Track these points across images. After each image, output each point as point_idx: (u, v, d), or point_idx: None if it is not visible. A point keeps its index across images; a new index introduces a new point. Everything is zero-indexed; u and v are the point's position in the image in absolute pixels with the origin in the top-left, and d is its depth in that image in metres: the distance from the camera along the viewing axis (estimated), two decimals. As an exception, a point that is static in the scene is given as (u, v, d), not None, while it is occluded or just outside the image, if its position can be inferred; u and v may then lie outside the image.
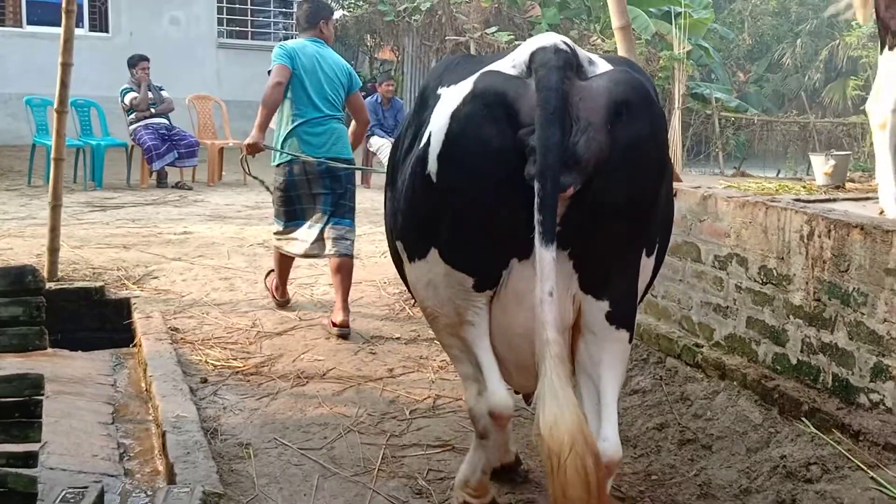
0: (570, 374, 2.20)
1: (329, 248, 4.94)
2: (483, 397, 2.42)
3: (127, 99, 9.90)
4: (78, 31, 14.09)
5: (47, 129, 9.46)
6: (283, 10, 16.16)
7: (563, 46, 2.19)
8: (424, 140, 2.32)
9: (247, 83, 14.32)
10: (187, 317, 5.06)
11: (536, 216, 2.01)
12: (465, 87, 2.22)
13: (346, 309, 4.88)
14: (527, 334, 2.20)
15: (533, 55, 2.17)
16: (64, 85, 5.31)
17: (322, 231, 4.94)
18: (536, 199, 2.01)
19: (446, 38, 14.77)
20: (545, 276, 2.01)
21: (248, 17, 15.59)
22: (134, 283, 5.59)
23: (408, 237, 2.51)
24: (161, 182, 10.09)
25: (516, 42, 15.05)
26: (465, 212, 2.23)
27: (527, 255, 2.16)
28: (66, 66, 5.34)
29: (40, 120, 9.52)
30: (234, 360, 4.41)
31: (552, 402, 1.99)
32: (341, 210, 4.95)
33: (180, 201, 9.13)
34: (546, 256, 2.01)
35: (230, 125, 11.65)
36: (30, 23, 13.42)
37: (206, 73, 14.38)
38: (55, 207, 5.37)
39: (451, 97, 2.25)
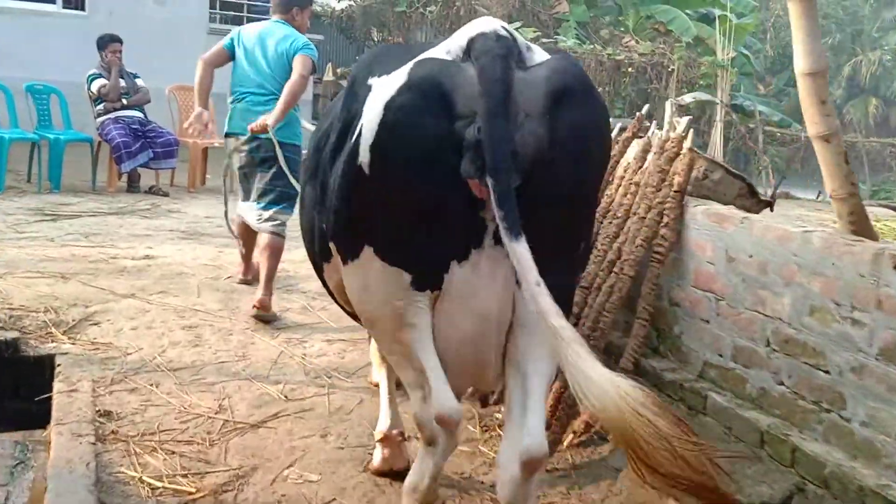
0: (590, 350, 1.99)
1: (260, 222, 4.88)
2: (428, 403, 2.30)
3: (94, 86, 8.43)
4: (50, 8, 12.76)
5: (-9, 118, 8.00)
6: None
7: (504, 33, 2.11)
8: (357, 132, 2.20)
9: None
10: (128, 390, 3.61)
11: (497, 212, 1.94)
12: (399, 77, 2.12)
13: (268, 289, 4.70)
14: (472, 340, 2.20)
15: (472, 41, 2.09)
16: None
17: (257, 210, 4.90)
18: (493, 195, 1.94)
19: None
20: (526, 269, 1.94)
21: (244, 1, 14.08)
22: (64, 333, 4.13)
23: (341, 237, 2.39)
24: (132, 186, 8.61)
25: (542, 40, 13.66)
26: (398, 204, 2.13)
27: (465, 257, 2.12)
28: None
29: (-13, 107, 8.04)
30: (185, 475, 2.96)
31: (590, 384, 1.89)
32: (273, 193, 4.85)
33: (151, 211, 7.66)
34: (519, 250, 1.94)
35: (218, 122, 10.17)
36: (-9, -5, 11.91)
37: (193, 61, 12.82)
38: (-47, 230, 3.88)
39: (384, 87, 2.15)
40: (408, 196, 2.11)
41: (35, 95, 8.42)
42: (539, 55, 2.20)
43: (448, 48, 2.16)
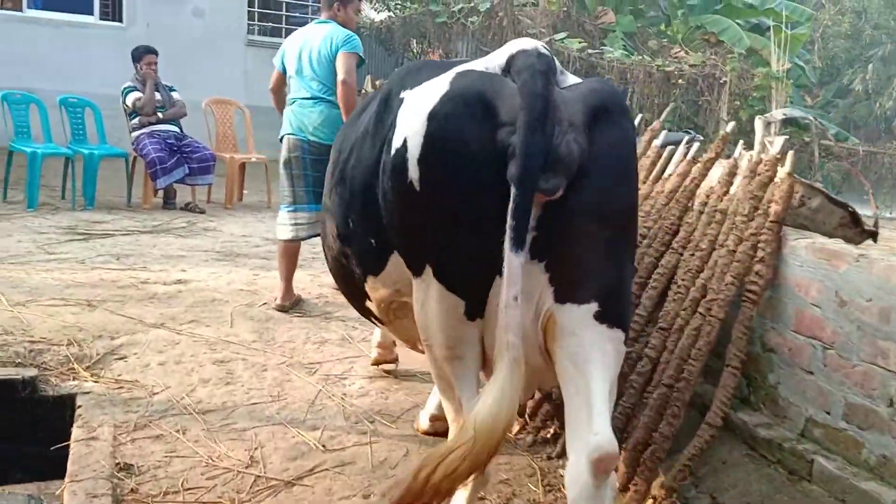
0: (521, 379, 1.99)
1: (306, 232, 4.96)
2: None
3: (129, 100, 8.18)
4: (87, 20, 12.63)
5: (29, 131, 7.77)
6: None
7: (545, 51, 2.15)
8: (397, 146, 2.18)
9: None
10: (152, 437, 3.25)
11: (509, 221, 1.95)
12: (439, 87, 2.14)
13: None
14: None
15: (513, 58, 2.14)
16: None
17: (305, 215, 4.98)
18: (511, 204, 1.94)
19: (507, 42, 12.91)
20: (511, 281, 1.97)
21: (283, 13, 13.85)
22: (87, 369, 3.79)
23: (403, 253, 2.34)
24: (168, 202, 8.33)
25: (588, 51, 13.23)
26: (448, 218, 2.12)
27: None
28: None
29: (20, 120, 7.80)
30: (211, 548, 2.59)
31: (498, 398, 1.95)
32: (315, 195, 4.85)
33: (186, 229, 7.36)
34: (514, 262, 1.95)
35: (255, 136, 9.92)
36: (31, 6, 11.77)
37: (231, 74, 12.67)
38: (-34, 258, 3.56)
39: (421, 98, 2.16)
40: (456, 208, 2.11)
41: (69, 109, 8.19)
42: (571, 79, 2.27)
43: (486, 64, 2.20)
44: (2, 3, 11.76)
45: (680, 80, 13.21)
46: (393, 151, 2.19)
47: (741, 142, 3.75)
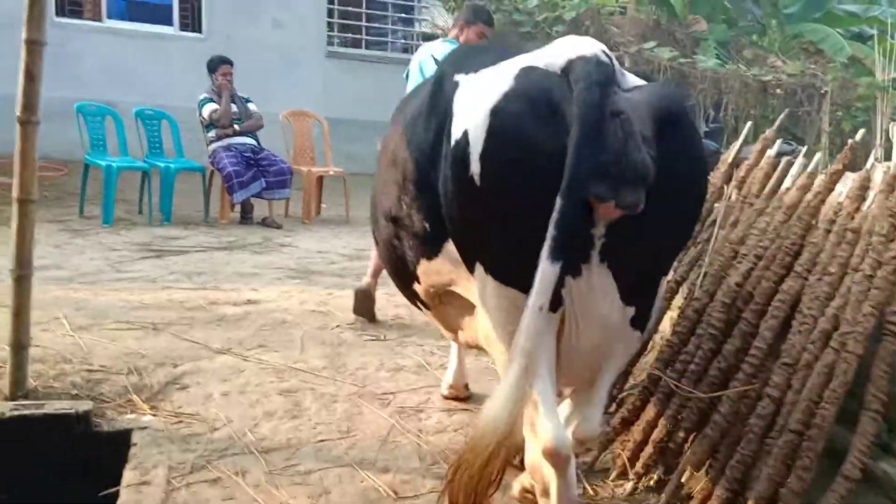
0: (529, 388, 2.01)
1: None
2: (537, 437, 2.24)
3: (205, 111, 8.06)
4: (166, 30, 12.60)
5: (104, 144, 7.70)
6: (403, 15, 14.22)
7: (605, 59, 2.05)
8: (457, 137, 2.12)
9: (356, 100, 12.45)
10: (209, 481, 2.96)
11: (550, 230, 1.91)
12: (503, 81, 2.07)
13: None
14: (597, 350, 2.27)
15: (572, 64, 2.03)
16: (31, 78, 3.25)
17: None
18: (555, 214, 1.91)
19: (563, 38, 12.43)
20: (541, 290, 1.94)
21: (363, 23, 13.70)
22: (146, 400, 3.55)
23: (458, 246, 2.31)
24: (245, 217, 8.17)
25: (680, 60, 12.67)
26: (509, 217, 2.08)
27: (578, 272, 2.10)
28: (33, 46, 3.26)
29: (96, 133, 7.74)
30: None
31: (501, 402, 1.97)
32: None
33: (262, 245, 7.16)
34: (548, 271, 1.93)
35: (334, 148, 9.74)
36: (111, 16, 11.86)
37: (310, 86, 12.56)
38: (20, 279, 3.34)
39: (483, 90, 2.10)
40: (520, 208, 2.05)
41: (145, 121, 8.11)
42: (632, 80, 2.20)
43: (545, 61, 2.10)
44: (81, 12, 11.88)
45: (778, 90, 12.51)
46: (453, 142, 2.14)
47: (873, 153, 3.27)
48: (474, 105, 2.09)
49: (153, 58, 11.68)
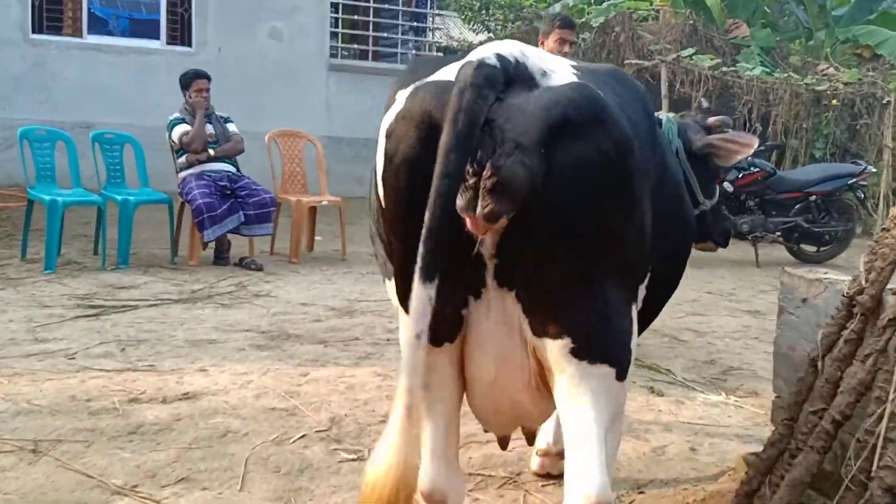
0: (417, 430, 1.85)
1: None
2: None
3: (175, 134, 6.81)
4: (152, 45, 11.35)
5: (53, 174, 6.45)
6: (415, 24, 12.95)
7: (492, 61, 1.86)
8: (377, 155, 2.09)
9: (362, 117, 11.21)
10: None
11: (420, 248, 1.77)
12: (400, 100, 1.98)
13: None
14: (500, 386, 2.06)
15: (459, 70, 1.86)
16: None
17: None
18: (423, 230, 1.77)
19: (625, 60, 11.12)
20: (417, 316, 1.78)
21: (370, 33, 12.46)
22: None
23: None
24: (220, 257, 6.89)
25: (723, 69, 11.31)
26: (398, 238, 2.03)
27: (477, 297, 1.96)
28: None
29: (44, 161, 6.46)
30: None
31: (385, 451, 1.81)
32: None
33: (234, 295, 5.87)
34: (421, 294, 1.77)
35: (336, 171, 8.49)
36: (92, 32, 10.70)
37: (312, 103, 11.35)
38: None
39: (389, 110, 2.02)
40: (403, 229, 1.96)
41: (104, 146, 6.84)
42: (557, 80, 1.93)
43: (451, 73, 1.90)
44: (61, 28, 10.73)
45: (834, 101, 11.12)
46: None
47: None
48: (382, 126, 2.02)
49: (138, 75, 10.52)
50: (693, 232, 2.75)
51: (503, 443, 2.75)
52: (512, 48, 1.92)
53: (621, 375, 2.01)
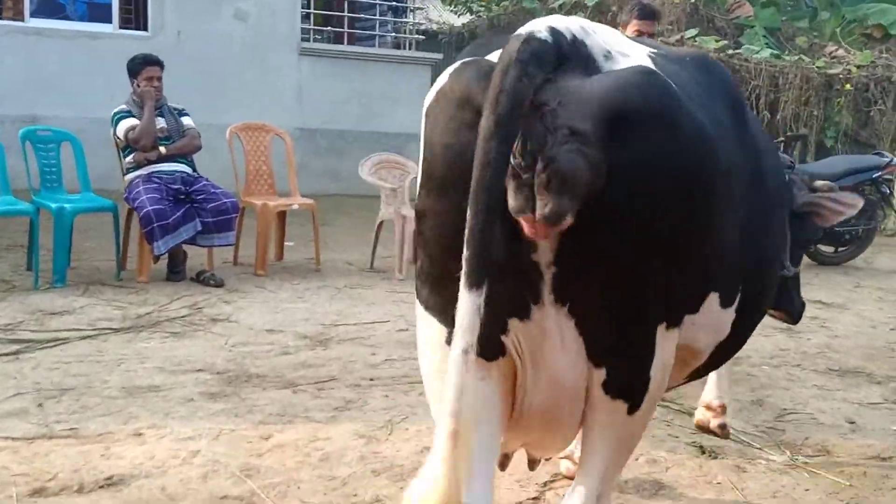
0: (466, 461, 1.61)
1: None
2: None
3: (121, 129, 5.87)
4: (104, 29, 10.25)
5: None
6: (394, 3, 12.00)
7: (543, 35, 1.63)
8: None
9: (338, 106, 10.32)
10: None
11: (464, 251, 1.56)
12: (442, 78, 1.81)
13: None
14: (547, 409, 1.84)
15: (506, 46, 1.62)
16: None
17: None
18: (467, 229, 1.56)
19: (623, 43, 10.25)
20: (463, 330, 1.56)
21: (345, 14, 11.50)
22: None
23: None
24: (174, 272, 5.98)
25: (729, 52, 10.50)
26: (433, 237, 1.81)
27: (526, 314, 1.72)
28: None
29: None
30: None
31: (430, 487, 1.59)
32: None
33: (186, 321, 4.97)
34: (466, 302, 1.55)
35: (310, 166, 7.63)
36: (35, 15, 9.68)
37: (282, 91, 10.42)
38: None
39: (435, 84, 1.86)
40: (440, 227, 1.77)
41: (37, 145, 5.89)
42: (624, 63, 1.70)
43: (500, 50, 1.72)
44: (0, 11, 9.70)
45: (847, 86, 10.34)
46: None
47: None
48: (424, 104, 1.85)
49: (87, 63, 9.52)
50: (786, 244, 2.54)
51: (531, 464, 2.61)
52: (570, 23, 1.70)
53: (634, 409, 1.83)
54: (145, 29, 9.87)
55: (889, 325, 5.95)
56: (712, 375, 3.16)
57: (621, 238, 1.64)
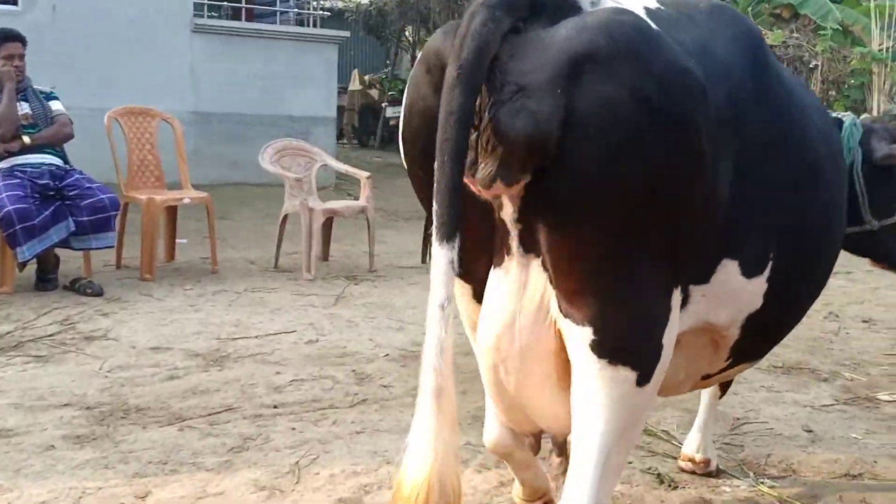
0: (451, 416, 1.58)
1: None
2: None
3: (-26, 117, 5.07)
4: (-35, 0, 9.53)
5: None
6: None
7: None
8: None
9: (233, 88, 9.61)
10: None
11: (434, 205, 1.56)
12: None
13: None
14: (500, 361, 1.81)
15: None
16: None
17: None
18: (434, 183, 1.56)
19: None
20: (436, 285, 1.57)
21: (242, -12, 10.75)
22: None
23: None
24: (44, 280, 5.23)
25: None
26: (423, 190, 1.80)
27: (499, 263, 1.75)
28: None
29: None
30: None
31: (416, 445, 1.57)
32: None
33: (57, 339, 4.27)
34: (439, 257, 1.56)
35: (204, 155, 6.93)
36: None
37: (172, 72, 9.62)
38: None
39: None
40: (423, 191, 1.76)
41: None
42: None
43: None
44: None
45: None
46: None
47: None
48: None
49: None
50: (843, 221, 2.36)
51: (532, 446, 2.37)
52: None
53: (643, 380, 1.69)
54: (14, 3, 8.89)
55: (821, 313, 5.69)
56: (698, 420, 3.07)
57: (588, 186, 1.55)
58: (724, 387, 3.12)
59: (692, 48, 1.64)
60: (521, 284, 1.70)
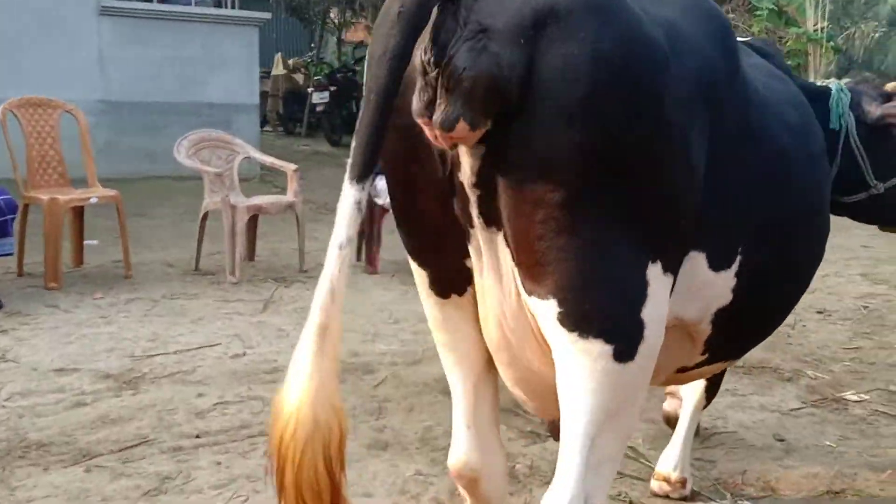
0: (332, 358, 1.55)
1: None
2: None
3: None
4: None
5: None
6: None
7: None
8: None
9: (146, 75, 9.02)
10: None
11: (352, 141, 1.54)
12: None
13: None
14: (502, 350, 1.79)
15: None
16: None
17: None
18: (358, 120, 1.54)
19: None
20: (339, 225, 1.53)
21: (153, -32, 10.11)
22: None
23: None
24: (-69, 291, 4.66)
25: None
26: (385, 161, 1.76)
27: (470, 240, 1.69)
28: None
29: None
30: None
31: (292, 377, 1.53)
32: None
33: (-58, 363, 3.75)
34: (347, 196, 1.52)
35: (115, 147, 6.37)
36: None
37: (79, 58, 8.98)
38: None
39: None
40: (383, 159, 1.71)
41: None
42: None
43: None
44: None
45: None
46: None
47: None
48: None
49: None
50: (825, 222, 2.35)
51: (554, 430, 2.16)
52: None
53: (624, 356, 1.60)
54: None
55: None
56: (678, 432, 2.90)
57: (545, 142, 1.51)
58: (710, 395, 2.89)
59: (660, 21, 1.61)
60: (495, 268, 1.67)
